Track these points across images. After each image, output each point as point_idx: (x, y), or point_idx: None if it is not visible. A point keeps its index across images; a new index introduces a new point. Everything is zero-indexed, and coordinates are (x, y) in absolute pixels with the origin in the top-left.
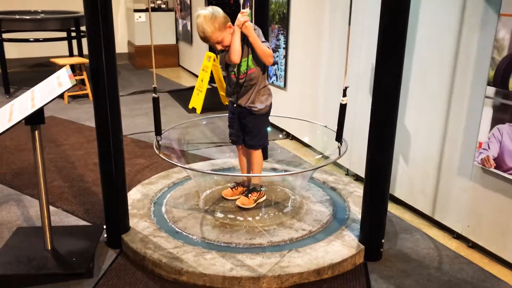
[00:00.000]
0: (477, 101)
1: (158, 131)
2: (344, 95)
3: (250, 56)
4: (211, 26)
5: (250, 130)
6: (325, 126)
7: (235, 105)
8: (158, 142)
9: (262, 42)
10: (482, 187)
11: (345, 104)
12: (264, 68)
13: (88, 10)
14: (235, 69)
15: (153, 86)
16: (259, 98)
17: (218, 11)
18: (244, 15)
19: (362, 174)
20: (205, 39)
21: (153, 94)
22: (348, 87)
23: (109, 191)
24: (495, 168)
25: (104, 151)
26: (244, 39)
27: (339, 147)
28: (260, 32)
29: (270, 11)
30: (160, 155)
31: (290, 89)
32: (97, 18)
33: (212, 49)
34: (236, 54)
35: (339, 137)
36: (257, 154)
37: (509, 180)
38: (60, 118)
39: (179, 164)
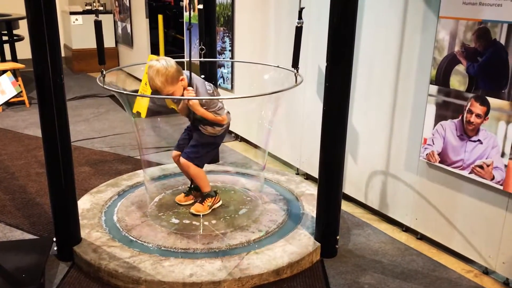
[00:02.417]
0: (421, 99)
1: (102, 59)
2: (300, 17)
3: None
4: (163, 80)
5: (194, 139)
6: (277, 66)
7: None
8: (102, 72)
9: (214, 109)
10: (428, 181)
11: (301, 27)
12: None
13: (30, 11)
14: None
15: (95, 9)
16: (211, 126)
17: (171, 63)
18: (191, 93)
19: (312, 173)
20: (156, 91)
21: (95, 17)
22: (304, 8)
23: (58, 201)
24: (440, 162)
25: (52, 159)
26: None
27: (295, 74)
28: (204, 88)
29: None
30: (105, 87)
31: (238, 91)
32: (41, 20)
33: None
34: (183, 113)
35: (295, 63)
36: (191, 167)
37: (452, 173)
38: None
39: (122, 91)
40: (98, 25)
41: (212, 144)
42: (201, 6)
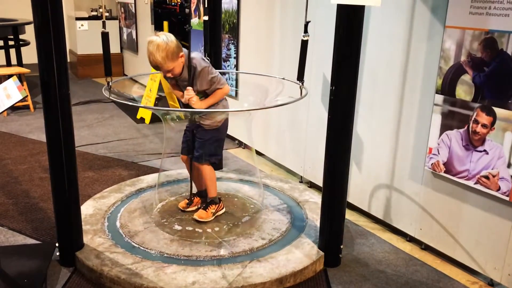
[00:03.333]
0: (427, 108)
1: (108, 71)
2: (305, 31)
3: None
4: (163, 55)
5: (198, 140)
6: (283, 78)
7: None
8: (108, 83)
9: (214, 75)
10: (433, 191)
11: (307, 41)
12: None
13: (38, 17)
14: None
15: (102, 20)
16: (208, 116)
17: (171, 39)
18: (190, 92)
19: (315, 181)
20: (155, 67)
21: (102, 29)
22: (309, 21)
23: (61, 206)
24: (445, 172)
25: (56, 164)
26: (193, 81)
27: (300, 87)
28: (205, 64)
29: None
30: (111, 97)
31: (242, 98)
32: (48, 26)
33: None
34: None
35: (300, 76)
36: (206, 168)
37: (457, 183)
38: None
39: (130, 103)
40: (105, 37)
41: (218, 137)
42: (206, 18)
